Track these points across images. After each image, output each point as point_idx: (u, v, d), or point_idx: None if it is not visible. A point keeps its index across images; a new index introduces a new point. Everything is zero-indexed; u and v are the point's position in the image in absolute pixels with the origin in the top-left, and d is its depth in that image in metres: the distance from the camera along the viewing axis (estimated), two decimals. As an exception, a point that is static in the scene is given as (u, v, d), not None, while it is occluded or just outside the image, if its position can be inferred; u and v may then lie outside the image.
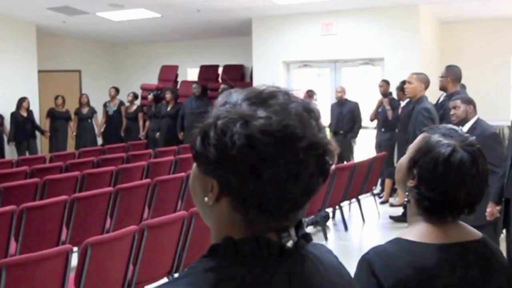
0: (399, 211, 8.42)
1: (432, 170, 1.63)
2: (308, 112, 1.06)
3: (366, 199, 8.89)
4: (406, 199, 1.74)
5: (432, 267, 1.58)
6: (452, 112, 5.05)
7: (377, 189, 9.68)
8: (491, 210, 4.70)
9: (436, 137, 1.67)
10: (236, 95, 1.06)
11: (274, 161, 1.00)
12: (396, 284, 1.54)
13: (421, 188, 1.65)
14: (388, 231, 7.68)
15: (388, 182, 9.58)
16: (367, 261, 1.60)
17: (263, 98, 1.04)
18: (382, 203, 9.38)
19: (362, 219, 8.39)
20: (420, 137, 1.73)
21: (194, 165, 1.10)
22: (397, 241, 1.66)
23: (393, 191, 9.58)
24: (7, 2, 10.77)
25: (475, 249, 1.66)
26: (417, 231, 1.66)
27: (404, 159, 1.74)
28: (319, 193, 1.10)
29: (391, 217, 8.31)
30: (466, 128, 4.92)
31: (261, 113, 1.01)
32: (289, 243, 1.07)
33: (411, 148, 1.73)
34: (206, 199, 1.06)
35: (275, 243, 1.06)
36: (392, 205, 9.20)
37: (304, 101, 1.07)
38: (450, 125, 1.76)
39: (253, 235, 1.05)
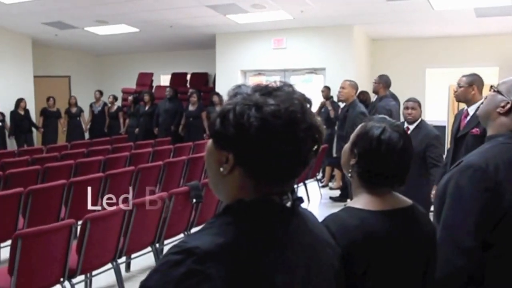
0: (337, 193, 8.64)
1: (368, 146, 1.70)
2: (306, 101, 1.11)
3: (311, 184, 8.98)
4: (350, 175, 1.79)
5: (374, 229, 1.63)
6: (409, 111, 4.97)
7: (319, 175, 9.84)
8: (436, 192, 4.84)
9: (371, 123, 1.75)
10: (245, 88, 1.11)
11: (281, 139, 1.04)
12: (348, 242, 1.57)
13: (360, 163, 1.72)
14: (329, 209, 7.74)
15: (328, 169, 9.73)
16: (325, 226, 1.62)
17: (270, 91, 1.09)
18: (323, 186, 9.52)
19: (308, 199, 8.48)
20: (359, 126, 1.80)
21: (210, 142, 1.13)
22: (348, 208, 1.71)
23: (332, 177, 9.73)
24: (7, 18, 10.57)
25: (407, 214, 1.73)
26: (362, 201, 1.72)
27: (347, 145, 1.80)
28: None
29: (331, 198, 8.48)
30: (412, 126, 4.93)
31: (271, 101, 1.05)
32: (288, 204, 1.13)
33: (352, 136, 1.79)
34: (221, 169, 1.09)
35: (278, 203, 1.11)
36: (331, 188, 9.35)
37: (303, 93, 1.12)
38: (381, 115, 1.85)
39: (259, 197, 1.09)
